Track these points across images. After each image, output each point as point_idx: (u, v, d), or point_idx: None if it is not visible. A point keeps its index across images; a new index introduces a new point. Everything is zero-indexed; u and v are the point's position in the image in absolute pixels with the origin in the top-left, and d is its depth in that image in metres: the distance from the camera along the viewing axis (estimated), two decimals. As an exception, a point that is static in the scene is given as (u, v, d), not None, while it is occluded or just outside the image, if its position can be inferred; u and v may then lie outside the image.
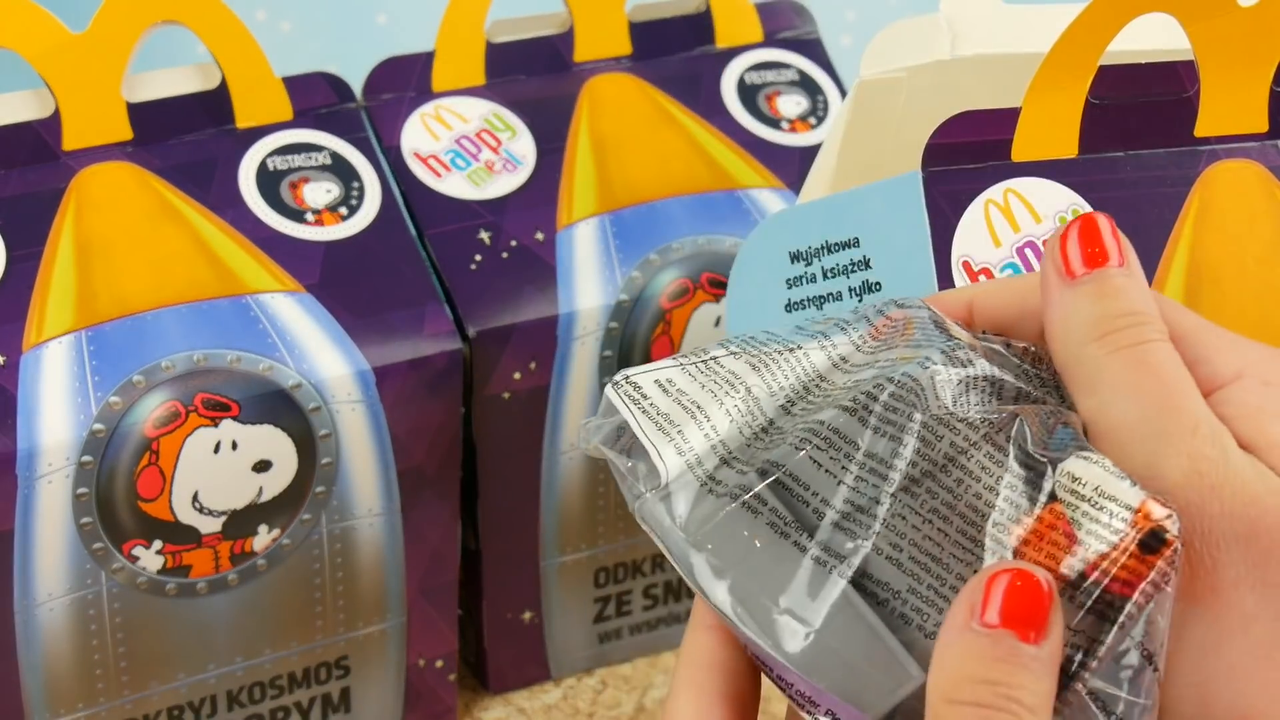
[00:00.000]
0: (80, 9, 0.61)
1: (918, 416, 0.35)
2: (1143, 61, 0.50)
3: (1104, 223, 0.38)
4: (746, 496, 0.35)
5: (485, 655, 0.67)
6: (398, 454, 0.60)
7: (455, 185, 0.64)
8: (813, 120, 0.69)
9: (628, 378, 0.38)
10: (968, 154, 0.50)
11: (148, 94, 0.61)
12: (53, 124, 0.60)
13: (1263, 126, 0.49)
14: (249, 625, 0.60)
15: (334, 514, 0.59)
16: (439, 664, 0.64)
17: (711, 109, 0.69)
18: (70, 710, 0.58)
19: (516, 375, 0.62)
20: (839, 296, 0.52)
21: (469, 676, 0.69)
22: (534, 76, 0.68)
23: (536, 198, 0.64)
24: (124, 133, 0.60)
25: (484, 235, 0.63)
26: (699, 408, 0.38)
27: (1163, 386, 0.36)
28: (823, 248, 0.52)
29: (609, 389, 0.38)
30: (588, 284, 0.63)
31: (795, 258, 0.53)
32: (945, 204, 0.49)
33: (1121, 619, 0.33)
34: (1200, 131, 0.50)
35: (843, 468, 0.35)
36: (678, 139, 0.67)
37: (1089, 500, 0.34)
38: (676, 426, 0.37)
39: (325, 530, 0.59)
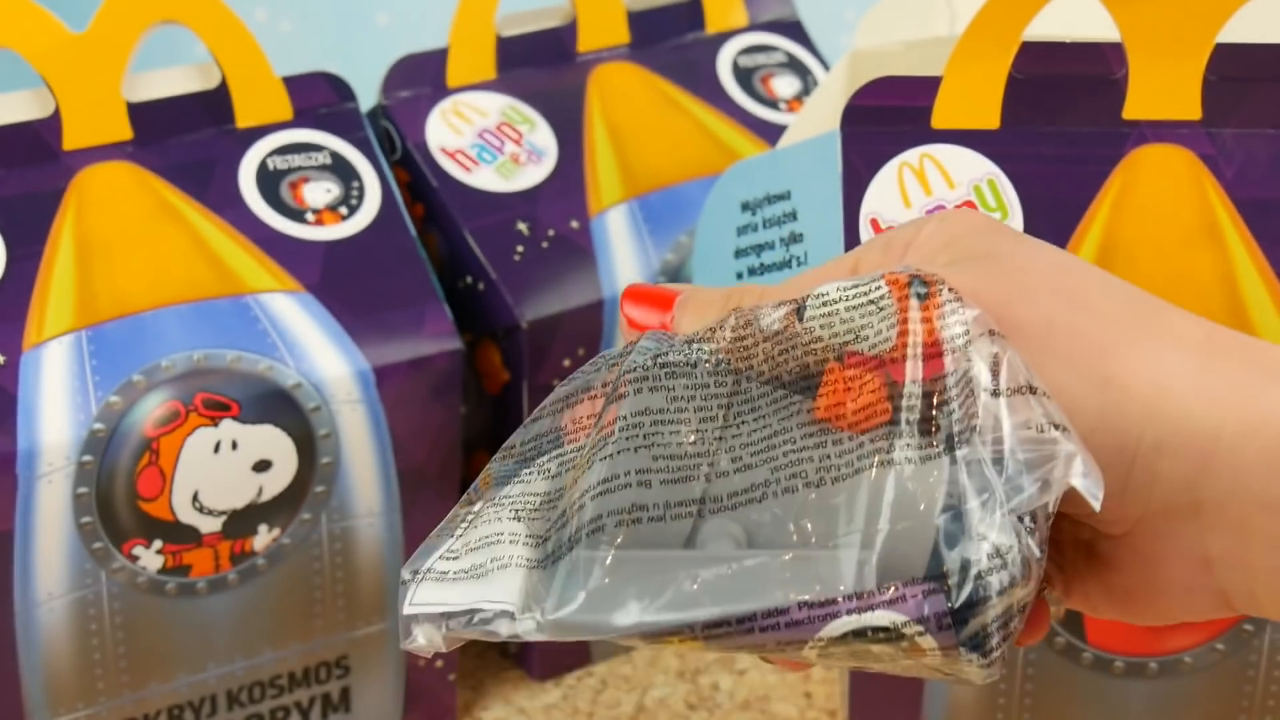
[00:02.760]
0: (80, 9, 0.61)
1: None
2: (1068, 41, 0.51)
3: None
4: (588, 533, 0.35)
5: (528, 644, 0.67)
6: (398, 454, 0.60)
7: (486, 178, 0.65)
8: (806, 100, 0.70)
9: (413, 595, 0.37)
10: (888, 118, 0.50)
11: (148, 94, 0.61)
12: (53, 124, 0.60)
13: (1195, 114, 0.49)
14: (249, 625, 0.60)
15: (334, 514, 0.59)
16: (439, 664, 0.64)
17: (712, 93, 0.70)
18: (70, 710, 0.58)
19: (566, 362, 0.63)
20: (771, 246, 0.54)
21: (472, 672, 0.69)
22: (541, 68, 0.69)
23: (565, 187, 0.66)
24: (124, 132, 0.60)
25: (522, 226, 0.64)
26: (488, 544, 0.37)
27: None
28: (765, 199, 0.54)
29: (407, 609, 0.37)
30: (626, 268, 0.65)
31: (744, 207, 0.55)
32: (860, 162, 0.50)
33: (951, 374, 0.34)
34: (1129, 114, 0.50)
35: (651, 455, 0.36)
36: (686, 123, 0.69)
37: (841, 304, 0.36)
38: (482, 569, 0.37)
39: (325, 530, 0.59)
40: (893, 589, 0.33)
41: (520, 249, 0.63)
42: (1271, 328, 0.48)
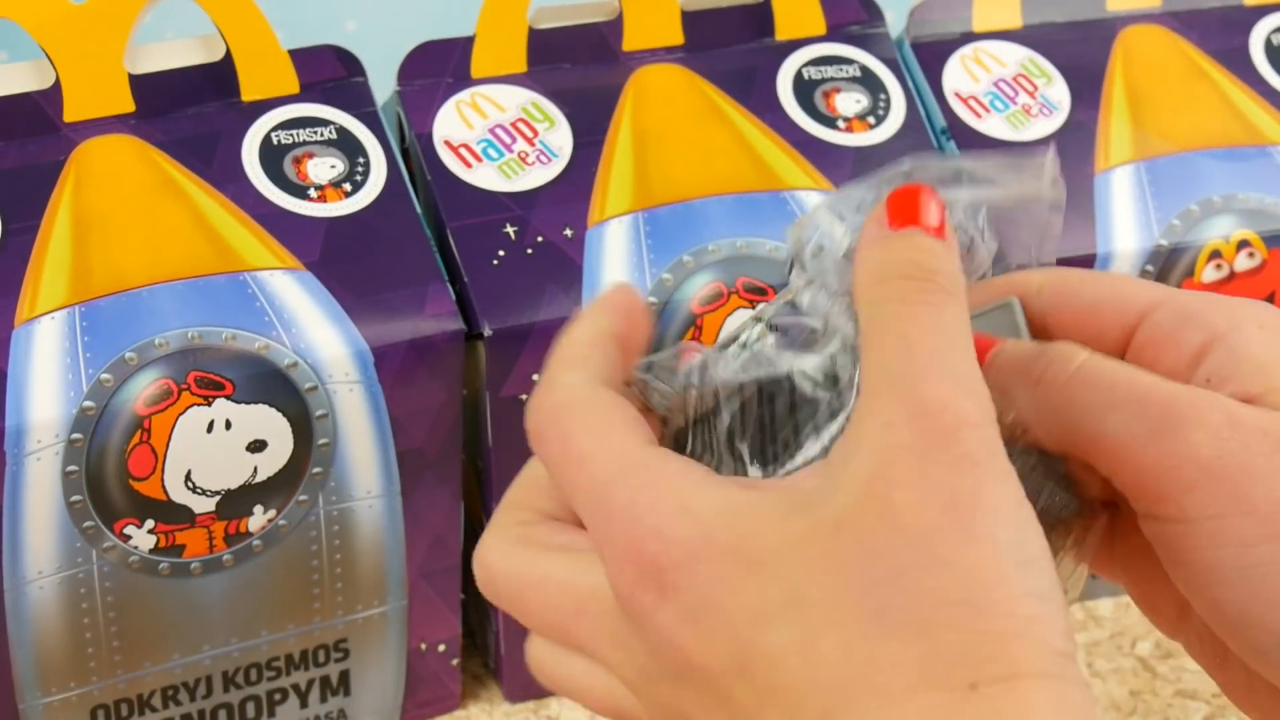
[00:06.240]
0: (84, -21, 0.60)
1: None
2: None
3: (926, 194, 0.39)
4: None
5: (501, 662, 0.65)
6: (397, 435, 0.59)
7: (485, 176, 0.62)
8: (871, 120, 0.66)
9: None
10: None
11: (150, 65, 0.60)
12: (53, 95, 0.59)
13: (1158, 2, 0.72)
14: (245, 606, 0.59)
15: (331, 495, 0.58)
16: (441, 648, 0.63)
17: (765, 105, 0.65)
18: (62, 689, 0.57)
19: (535, 377, 0.60)
20: None
21: (480, 667, 0.68)
22: (579, 65, 0.65)
23: (569, 192, 0.62)
24: (125, 105, 0.60)
25: (510, 230, 0.61)
26: None
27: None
28: None
29: None
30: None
31: None
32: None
33: None
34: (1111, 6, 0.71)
35: None
36: (724, 135, 0.64)
37: None
38: None
39: (323, 512, 0.58)
40: None
41: (502, 253, 0.60)
42: None
